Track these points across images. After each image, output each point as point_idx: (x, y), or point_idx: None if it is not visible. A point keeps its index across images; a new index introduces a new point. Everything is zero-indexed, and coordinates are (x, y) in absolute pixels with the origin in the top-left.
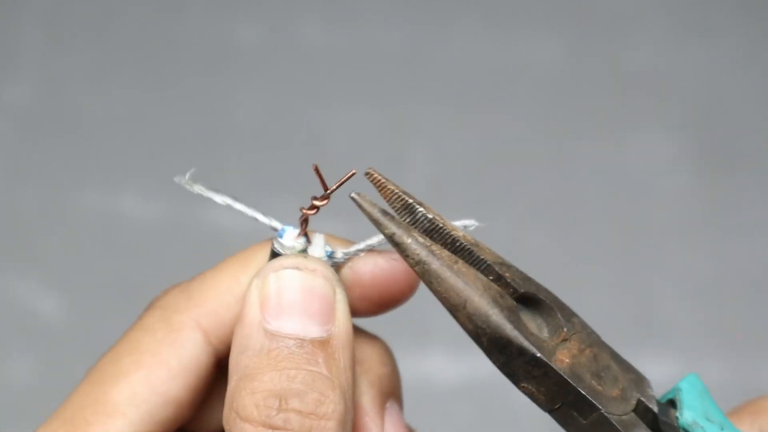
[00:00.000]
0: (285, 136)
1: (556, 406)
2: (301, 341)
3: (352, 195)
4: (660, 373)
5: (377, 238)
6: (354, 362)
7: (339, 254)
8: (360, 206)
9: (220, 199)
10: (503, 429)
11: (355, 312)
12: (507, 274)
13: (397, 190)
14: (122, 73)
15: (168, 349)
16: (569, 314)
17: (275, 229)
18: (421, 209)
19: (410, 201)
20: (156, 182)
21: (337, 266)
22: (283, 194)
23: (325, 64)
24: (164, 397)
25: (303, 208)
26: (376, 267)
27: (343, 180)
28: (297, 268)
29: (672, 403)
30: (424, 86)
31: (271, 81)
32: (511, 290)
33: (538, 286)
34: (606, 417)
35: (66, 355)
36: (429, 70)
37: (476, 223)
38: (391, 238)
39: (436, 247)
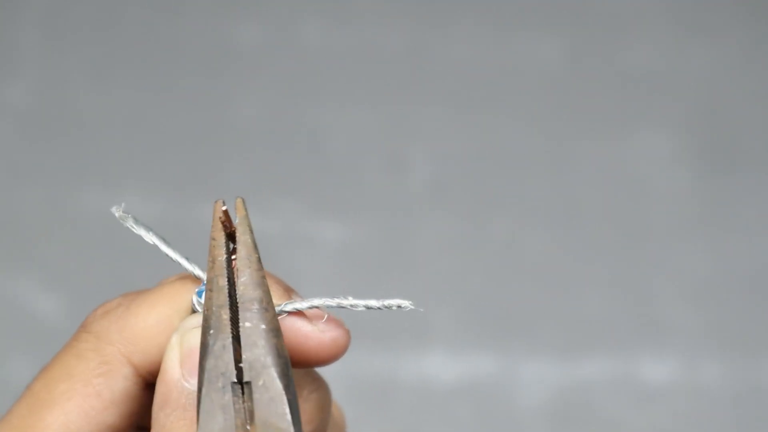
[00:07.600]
0: (285, 136)
1: None
2: None
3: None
4: (660, 373)
5: (297, 304)
6: None
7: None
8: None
9: (149, 238)
10: (503, 429)
11: (306, 362)
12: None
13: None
14: (122, 74)
15: (100, 380)
16: None
17: (199, 278)
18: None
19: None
20: (156, 182)
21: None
22: (283, 194)
23: (325, 64)
24: (99, 426)
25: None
26: (296, 332)
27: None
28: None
29: None
30: (424, 86)
31: (271, 81)
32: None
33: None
34: None
35: None
36: (429, 70)
37: (410, 305)
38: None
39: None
